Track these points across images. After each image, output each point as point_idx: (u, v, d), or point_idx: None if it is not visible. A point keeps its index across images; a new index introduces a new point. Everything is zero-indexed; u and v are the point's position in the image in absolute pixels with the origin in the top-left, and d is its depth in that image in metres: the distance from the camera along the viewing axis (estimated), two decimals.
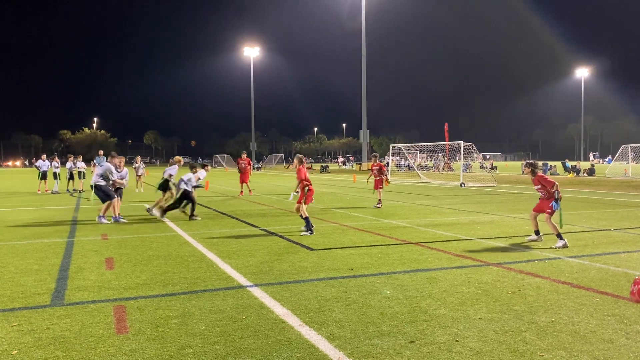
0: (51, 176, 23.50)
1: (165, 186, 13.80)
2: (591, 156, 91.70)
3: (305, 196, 10.37)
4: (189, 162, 18.29)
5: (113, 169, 12.84)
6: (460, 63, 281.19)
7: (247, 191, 21.23)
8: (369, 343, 4.40)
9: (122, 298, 5.78)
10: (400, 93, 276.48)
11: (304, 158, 11.56)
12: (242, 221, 12.62)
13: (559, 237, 8.85)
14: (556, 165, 47.04)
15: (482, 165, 43.56)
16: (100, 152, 23.95)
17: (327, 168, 58.21)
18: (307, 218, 10.41)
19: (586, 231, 10.82)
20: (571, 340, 4.46)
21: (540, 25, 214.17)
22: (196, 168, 13.63)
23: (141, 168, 25.34)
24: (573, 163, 44.57)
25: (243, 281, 6.51)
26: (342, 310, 5.30)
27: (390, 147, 41.00)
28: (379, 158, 17.01)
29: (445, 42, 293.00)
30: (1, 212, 15.01)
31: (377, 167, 16.33)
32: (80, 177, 23.53)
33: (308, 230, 10.31)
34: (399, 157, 52.98)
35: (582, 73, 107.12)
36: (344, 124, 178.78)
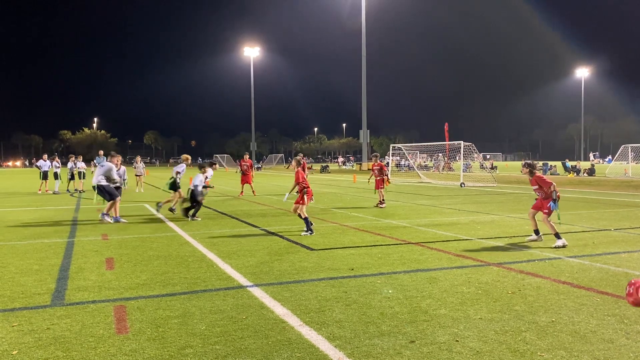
0: (52, 176, 23.51)
1: (174, 185, 13.96)
2: (591, 156, 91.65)
3: (303, 198, 10.41)
4: (198, 163, 18.45)
5: (114, 169, 12.88)
6: (460, 63, 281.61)
7: (251, 192, 21.22)
8: (369, 343, 4.40)
9: (123, 298, 5.78)
10: (400, 93, 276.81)
11: (303, 159, 11.58)
12: (242, 221, 12.62)
13: (557, 237, 8.86)
14: (556, 165, 47.06)
15: (482, 165, 43.55)
16: (100, 152, 23.97)
17: (327, 168, 58.24)
18: (307, 218, 10.41)
19: (586, 231, 10.82)
20: (571, 340, 4.46)
21: (540, 25, 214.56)
22: (204, 168, 13.69)
23: (141, 168, 25.36)
24: (573, 163, 44.57)
25: (243, 281, 6.51)
26: (343, 310, 5.30)
27: (390, 147, 41.00)
28: (380, 158, 17.01)
29: (445, 42, 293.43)
30: (1, 212, 15.01)
31: (378, 167, 16.34)
32: (80, 177, 23.55)
33: (308, 230, 10.32)
34: (399, 157, 53.01)
35: (582, 73, 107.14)
36: (344, 124, 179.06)
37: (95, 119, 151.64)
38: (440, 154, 49.75)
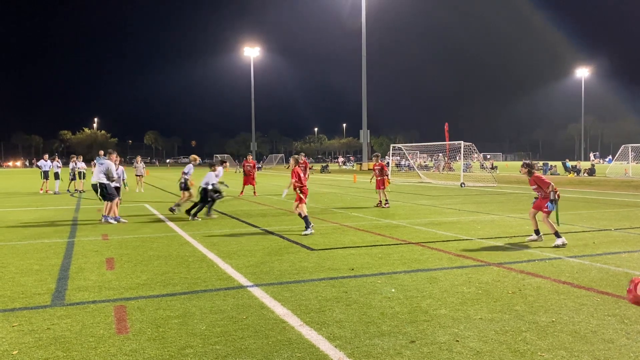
0: (52, 176, 23.52)
1: (186, 185, 14.06)
2: (591, 156, 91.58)
3: (299, 196, 10.48)
4: (208, 161, 18.53)
5: (113, 167, 12.87)
6: (460, 63, 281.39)
7: (252, 193, 21.20)
8: (370, 343, 4.40)
9: (123, 298, 5.78)
10: (400, 93, 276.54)
11: (302, 158, 11.59)
12: (243, 221, 12.62)
13: (557, 236, 8.87)
14: (556, 165, 47.06)
15: (483, 165, 43.50)
16: (100, 153, 23.83)
17: (328, 168, 58.24)
18: (306, 217, 10.43)
19: (587, 231, 10.82)
20: (572, 340, 4.46)
21: (540, 25, 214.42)
22: (215, 166, 13.69)
23: (141, 168, 25.38)
24: (573, 163, 44.56)
25: (243, 281, 6.51)
26: (343, 310, 5.30)
27: (390, 147, 41.00)
28: (381, 158, 17.01)
29: (445, 42, 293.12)
30: (2, 212, 15.02)
31: (379, 167, 16.33)
32: (80, 177, 23.55)
33: (308, 228, 10.33)
34: (399, 157, 53.01)
35: (582, 73, 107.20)
36: (344, 124, 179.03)
37: (95, 119, 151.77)
38: (440, 154, 49.76)
